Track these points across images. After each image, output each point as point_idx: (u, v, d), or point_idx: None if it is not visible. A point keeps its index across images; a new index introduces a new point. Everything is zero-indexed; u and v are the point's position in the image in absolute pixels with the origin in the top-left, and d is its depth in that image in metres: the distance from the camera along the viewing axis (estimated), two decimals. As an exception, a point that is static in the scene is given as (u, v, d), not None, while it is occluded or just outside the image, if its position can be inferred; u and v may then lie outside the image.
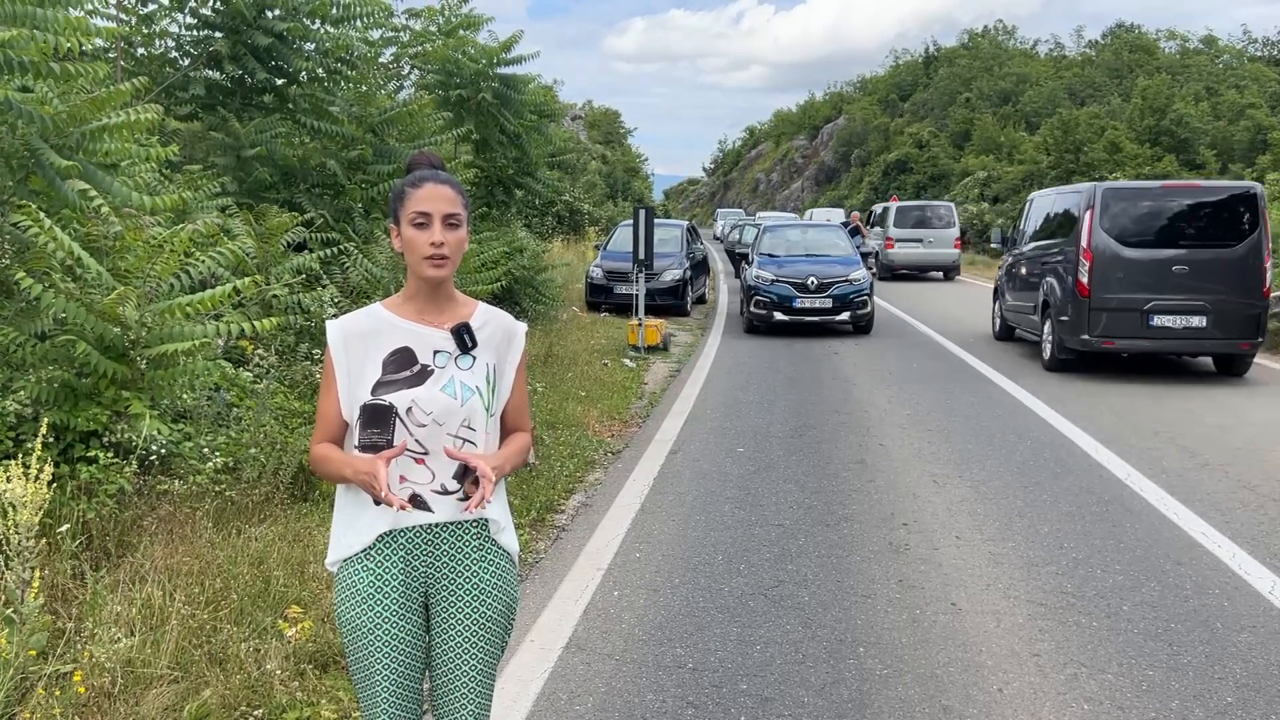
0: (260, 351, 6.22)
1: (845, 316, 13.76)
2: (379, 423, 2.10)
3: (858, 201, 48.62)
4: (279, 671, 3.40)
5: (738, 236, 28.28)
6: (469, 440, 2.15)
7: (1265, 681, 3.60)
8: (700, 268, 19.01)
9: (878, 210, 27.39)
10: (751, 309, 14.21)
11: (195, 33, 9.63)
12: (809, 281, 13.82)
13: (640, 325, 12.42)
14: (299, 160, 9.59)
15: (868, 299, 13.90)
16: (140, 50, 9.84)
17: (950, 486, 6.18)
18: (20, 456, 3.62)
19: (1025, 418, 8.16)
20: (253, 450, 5.16)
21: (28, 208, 4.57)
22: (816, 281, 13.81)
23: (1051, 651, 3.85)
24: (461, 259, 2.20)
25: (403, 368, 2.14)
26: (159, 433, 4.61)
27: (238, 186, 8.77)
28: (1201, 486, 6.14)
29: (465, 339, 2.18)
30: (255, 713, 3.22)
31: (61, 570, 3.79)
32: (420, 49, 13.36)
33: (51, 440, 4.33)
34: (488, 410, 2.18)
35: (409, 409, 2.10)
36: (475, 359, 2.19)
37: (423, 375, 2.14)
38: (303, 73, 9.93)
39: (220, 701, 3.21)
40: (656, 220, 14.34)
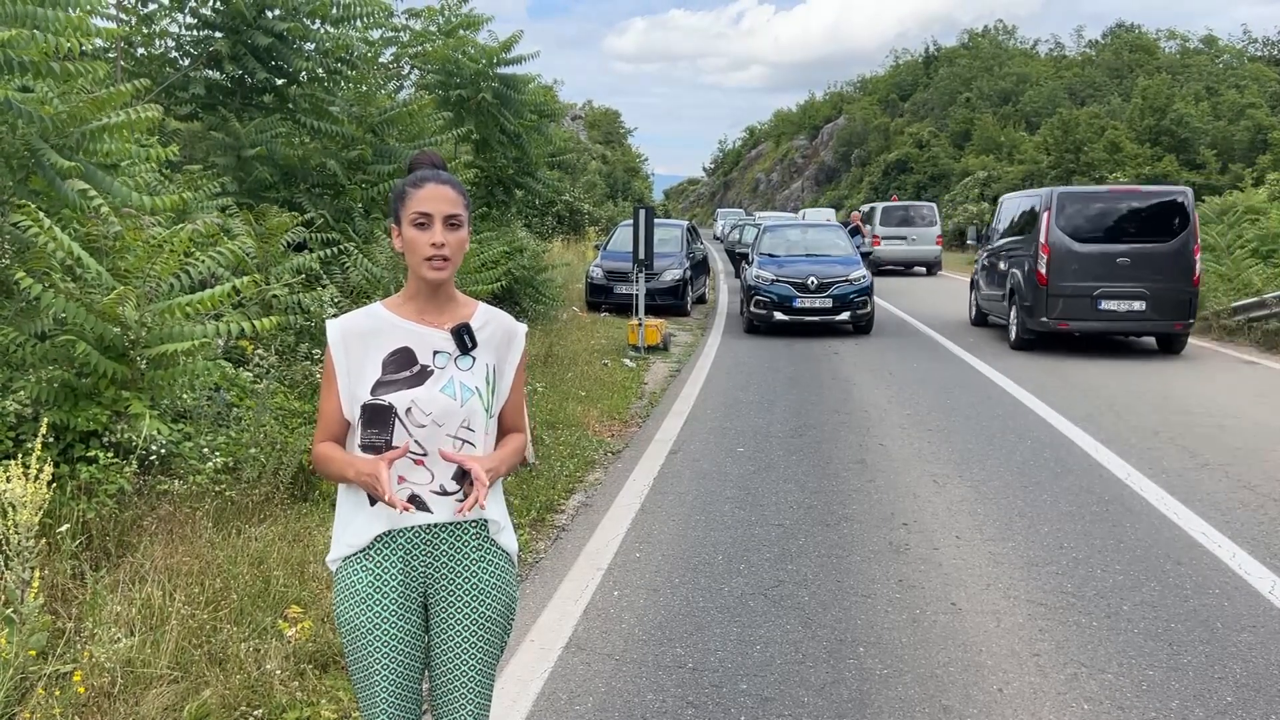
0: (260, 351, 6.22)
1: (845, 316, 13.76)
2: (378, 423, 2.10)
3: (858, 201, 48.63)
4: (279, 671, 3.40)
5: (738, 236, 28.33)
6: (468, 441, 2.14)
7: (1265, 681, 3.60)
8: (700, 268, 19.01)
9: (864, 210, 28.70)
10: (751, 309, 14.21)
11: (195, 33, 9.64)
12: (809, 281, 13.82)
13: (640, 325, 12.42)
14: (299, 160, 9.60)
15: (868, 299, 13.89)
16: (140, 50, 9.85)
17: (950, 486, 6.18)
18: (20, 456, 3.62)
19: (1025, 417, 8.16)
20: (253, 450, 5.16)
21: (28, 208, 4.57)
22: (816, 281, 13.81)
23: (1051, 651, 3.85)
24: (462, 259, 2.20)
25: (402, 368, 2.14)
26: (159, 433, 4.61)
27: (238, 186, 8.77)
28: (1201, 486, 6.14)
29: (465, 340, 2.17)
30: (255, 713, 3.22)
31: (61, 570, 3.80)
32: (420, 49, 13.36)
33: (51, 440, 4.33)
34: (487, 411, 2.18)
35: (408, 409, 2.10)
36: (475, 360, 2.19)
37: (422, 375, 2.14)
38: (303, 73, 9.94)
39: (220, 701, 3.21)
40: (656, 220, 14.34)
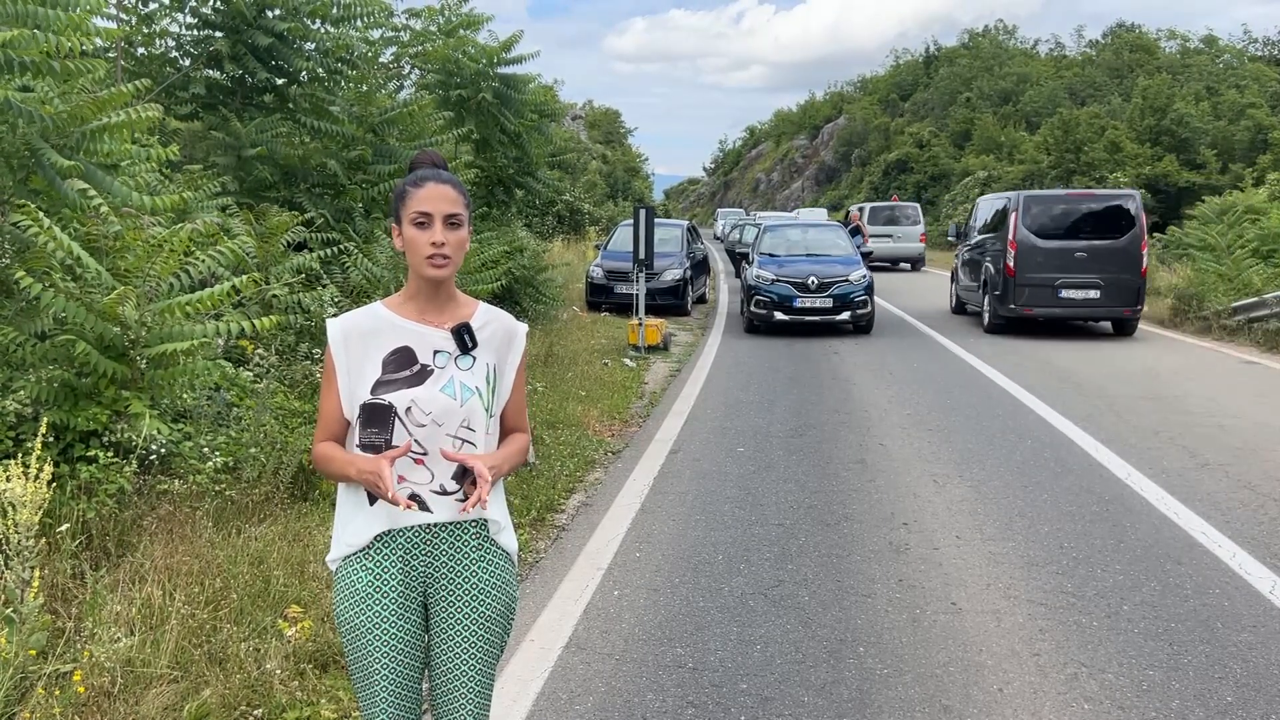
0: (260, 351, 6.22)
1: (845, 316, 13.76)
2: (378, 422, 2.10)
3: (859, 201, 48.62)
4: (279, 671, 3.40)
5: (738, 236, 28.39)
6: (468, 441, 2.14)
7: (1265, 681, 3.60)
8: (700, 267, 19.01)
9: (853, 209, 29.98)
10: (752, 309, 14.21)
11: (196, 32, 9.64)
12: (809, 281, 13.82)
13: (640, 325, 12.42)
14: (299, 160, 9.60)
15: (868, 299, 13.89)
16: (141, 50, 9.85)
17: (950, 486, 6.18)
18: (20, 456, 3.62)
19: (1025, 417, 8.16)
20: (253, 450, 5.16)
21: (28, 207, 4.57)
22: (817, 281, 13.81)
23: (1052, 651, 3.85)
24: (463, 259, 2.20)
25: (402, 367, 2.14)
26: (159, 432, 4.61)
27: (238, 186, 8.77)
28: (1201, 486, 6.14)
29: (465, 339, 2.17)
30: (255, 712, 3.22)
31: (61, 570, 3.79)
32: (420, 49, 13.36)
33: (51, 440, 4.33)
34: (487, 411, 2.18)
35: (408, 409, 2.10)
36: (475, 359, 2.18)
37: (422, 375, 2.13)
38: (303, 72, 9.94)
39: (220, 701, 3.21)
40: (657, 220, 14.33)
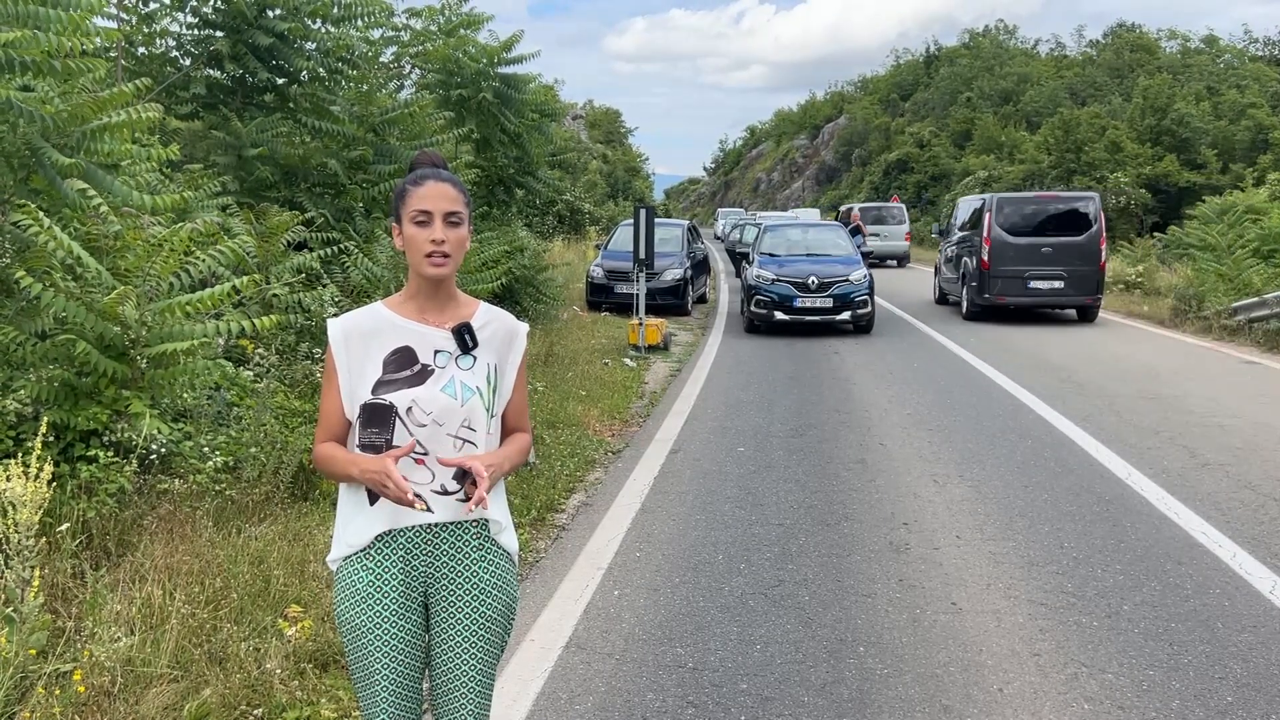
0: (261, 351, 6.22)
1: (846, 316, 13.76)
2: (379, 422, 2.10)
3: (859, 201, 48.63)
4: (279, 671, 3.40)
5: (738, 236, 28.41)
6: (469, 441, 2.14)
7: (1266, 681, 3.60)
8: (701, 267, 19.01)
9: (843, 209, 31.79)
10: (752, 308, 14.20)
11: (196, 32, 9.65)
12: (809, 281, 13.82)
13: (641, 325, 12.42)
14: (300, 159, 9.60)
15: (868, 298, 13.89)
16: (141, 50, 9.85)
17: (951, 486, 6.18)
18: (20, 455, 3.62)
19: (1025, 416, 8.16)
20: (253, 449, 5.16)
21: (28, 207, 4.57)
22: (817, 281, 13.81)
23: (1052, 651, 3.85)
24: (463, 258, 2.20)
25: (403, 367, 2.14)
26: (159, 432, 4.61)
27: (239, 186, 8.77)
28: (1202, 486, 6.13)
29: (466, 339, 2.17)
30: (255, 712, 3.22)
31: (61, 569, 3.79)
32: (421, 48, 13.37)
33: (52, 439, 4.33)
34: (488, 411, 2.18)
35: (409, 409, 2.10)
36: (476, 359, 2.18)
37: (423, 375, 2.13)
38: (304, 72, 9.94)
39: (220, 700, 3.21)
40: (657, 220, 14.33)
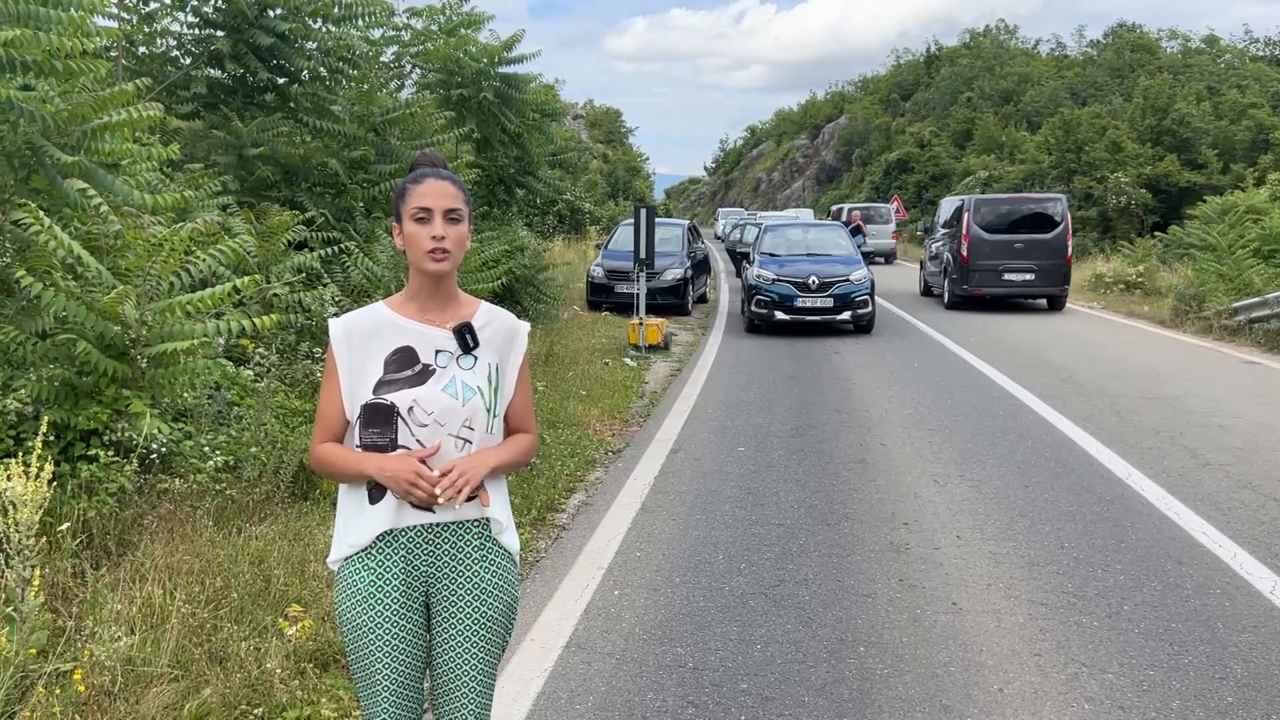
0: (261, 350, 6.22)
1: (846, 316, 13.76)
2: (380, 422, 2.10)
3: (860, 200, 48.63)
4: (279, 670, 3.40)
5: (739, 236, 28.42)
6: (470, 441, 2.14)
7: (1266, 681, 3.60)
8: (701, 267, 19.01)
9: (834, 209, 33.64)
10: (752, 308, 14.20)
11: (197, 31, 9.65)
12: (810, 281, 13.82)
13: (641, 324, 12.42)
14: (300, 159, 9.60)
15: (869, 298, 13.89)
16: (142, 49, 9.85)
17: (951, 486, 6.18)
18: (21, 455, 3.62)
19: (1025, 416, 8.16)
20: (253, 449, 5.16)
21: (29, 206, 4.57)
22: (817, 281, 13.81)
23: (1052, 651, 3.85)
24: (463, 257, 2.20)
25: (404, 367, 2.14)
26: (159, 431, 4.61)
27: (239, 185, 8.77)
28: (1202, 486, 6.13)
29: (467, 339, 2.17)
30: (255, 711, 3.22)
31: (62, 569, 3.80)
32: (422, 48, 13.38)
33: (52, 439, 4.33)
34: (489, 410, 2.18)
35: (410, 408, 2.10)
36: (477, 359, 2.18)
37: (424, 375, 2.13)
38: (304, 72, 9.94)
39: (220, 700, 3.21)
40: (657, 219, 14.33)
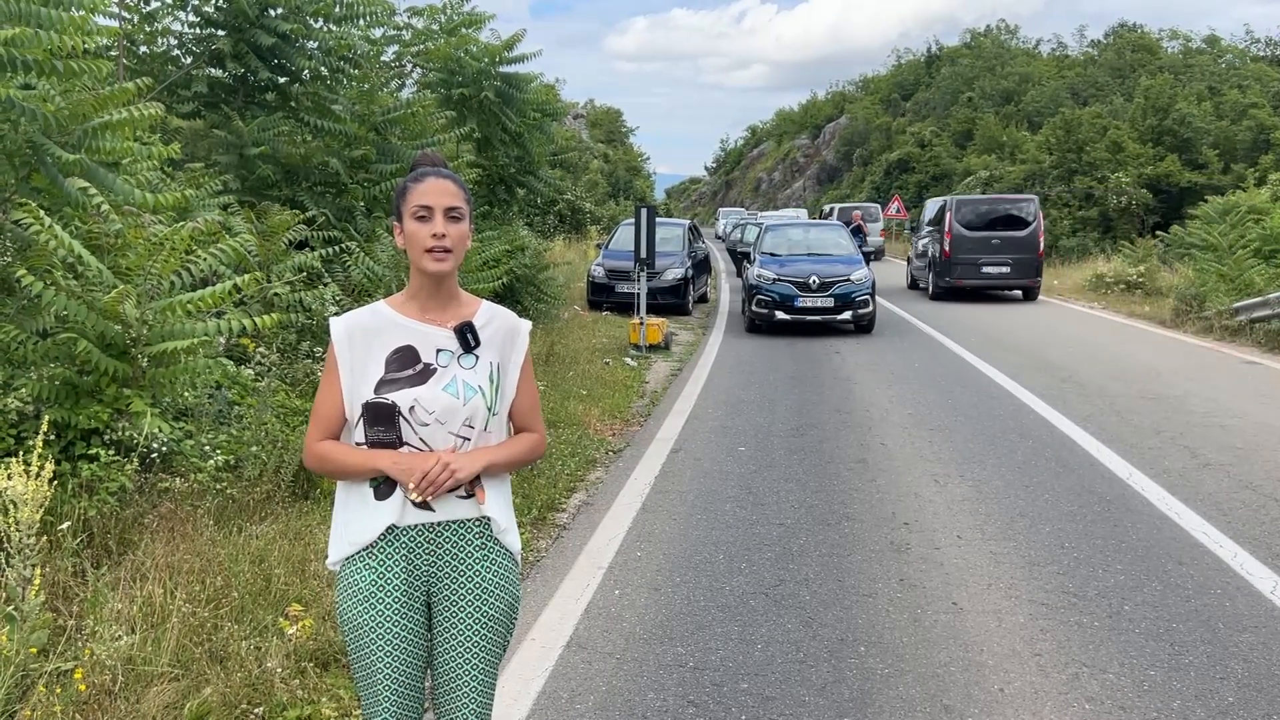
0: (262, 349, 6.22)
1: (847, 316, 13.75)
2: (383, 421, 2.11)
3: (861, 199, 48.63)
4: (280, 669, 3.40)
5: (739, 235, 28.45)
6: (469, 440, 2.15)
7: (1267, 682, 3.60)
8: (702, 267, 19.01)
9: (825, 210, 34.82)
10: (753, 308, 14.20)
11: (198, 31, 9.65)
12: (810, 281, 13.82)
13: (642, 324, 12.42)
14: (301, 158, 9.60)
15: (869, 298, 13.88)
16: (143, 48, 9.86)
17: (951, 486, 6.18)
18: (21, 454, 3.62)
19: (1026, 416, 8.15)
20: (254, 448, 5.16)
21: (29, 205, 4.57)
22: (818, 281, 13.80)
23: (1053, 651, 3.84)
24: (464, 256, 2.20)
25: (405, 366, 2.14)
26: (160, 430, 4.61)
27: (240, 184, 8.78)
28: (1203, 486, 6.13)
29: (468, 338, 2.17)
30: (256, 710, 3.22)
31: (62, 568, 3.80)
32: (422, 47, 13.38)
33: (53, 438, 4.34)
34: (490, 410, 2.18)
35: (411, 408, 2.10)
36: (478, 358, 2.19)
37: (425, 374, 2.14)
38: (305, 71, 9.95)
39: (221, 699, 3.21)
40: (658, 219, 14.33)
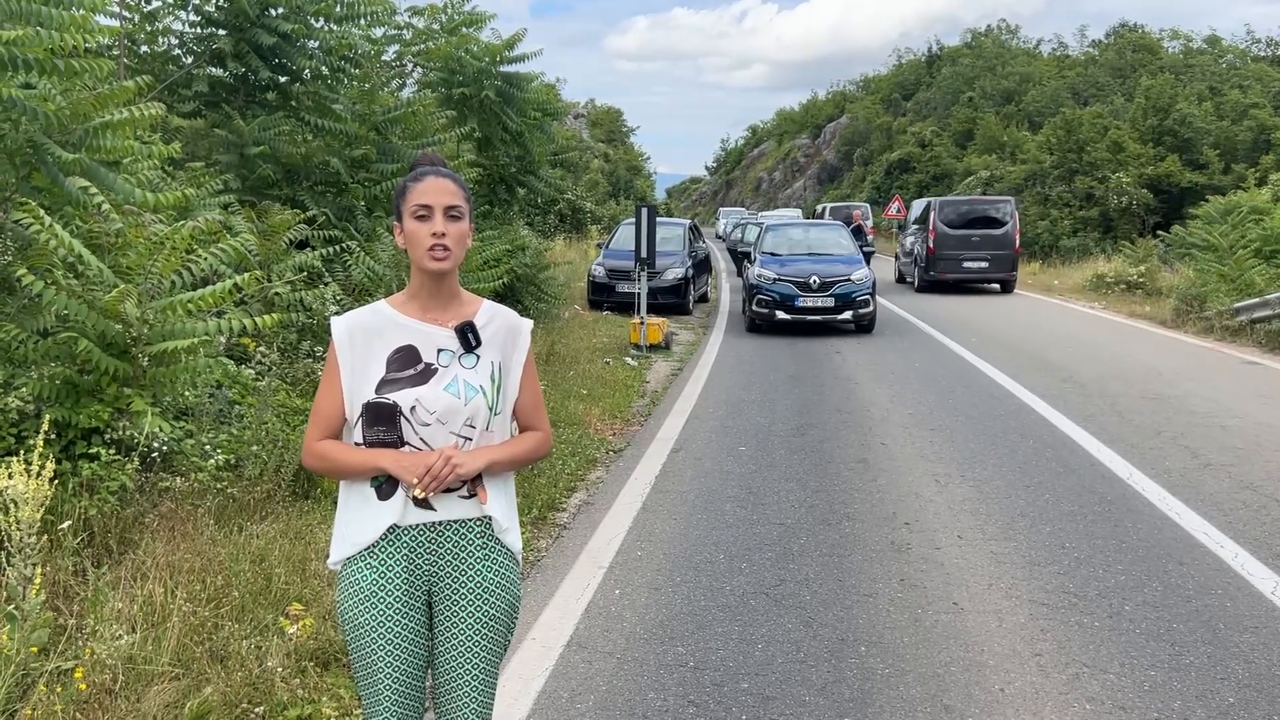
0: (262, 349, 6.22)
1: (847, 315, 13.75)
2: (385, 421, 2.11)
3: (861, 199, 48.63)
4: (280, 669, 3.40)
5: (740, 235, 28.46)
6: (471, 439, 2.15)
7: (1267, 682, 3.60)
8: (702, 266, 19.01)
9: (818, 209, 36.31)
10: (753, 308, 14.20)
11: (199, 30, 9.65)
12: (811, 280, 13.82)
13: (642, 324, 12.42)
14: (302, 158, 9.60)
15: (870, 298, 13.88)
16: (144, 48, 9.86)
17: (952, 485, 6.18)
18: (22, 453, 3.62)
19: (1027, 416, 8.15)
20: (254, 447, 5.16)
21: (30, 205, 4.57)
22: (819, 280, 13.80)
23: (1053, 651, 3.84)
24: (464, 256, 2.20)
25: (406, 366, 2.14)
26: (160, 430, 4.61)
27: (240, 184, 8.78)
28: (1204, 486, 6.13)
29: (469, 337, 2.17)
30: (256, 710, 3.22)
31: (63, 567, 3.80)
32: (423, 47, 13.38)
33: (53, 437, 4.34)
34: (491, 409, 2.17)
35: (412, 408, 2.10)
36: (480, 357, 2.18)
37: (426, 374, 2.13)
38: (306, 71, 9.95)
39: (221, 699, 3.21)
40: (659, 219, 14.32)
